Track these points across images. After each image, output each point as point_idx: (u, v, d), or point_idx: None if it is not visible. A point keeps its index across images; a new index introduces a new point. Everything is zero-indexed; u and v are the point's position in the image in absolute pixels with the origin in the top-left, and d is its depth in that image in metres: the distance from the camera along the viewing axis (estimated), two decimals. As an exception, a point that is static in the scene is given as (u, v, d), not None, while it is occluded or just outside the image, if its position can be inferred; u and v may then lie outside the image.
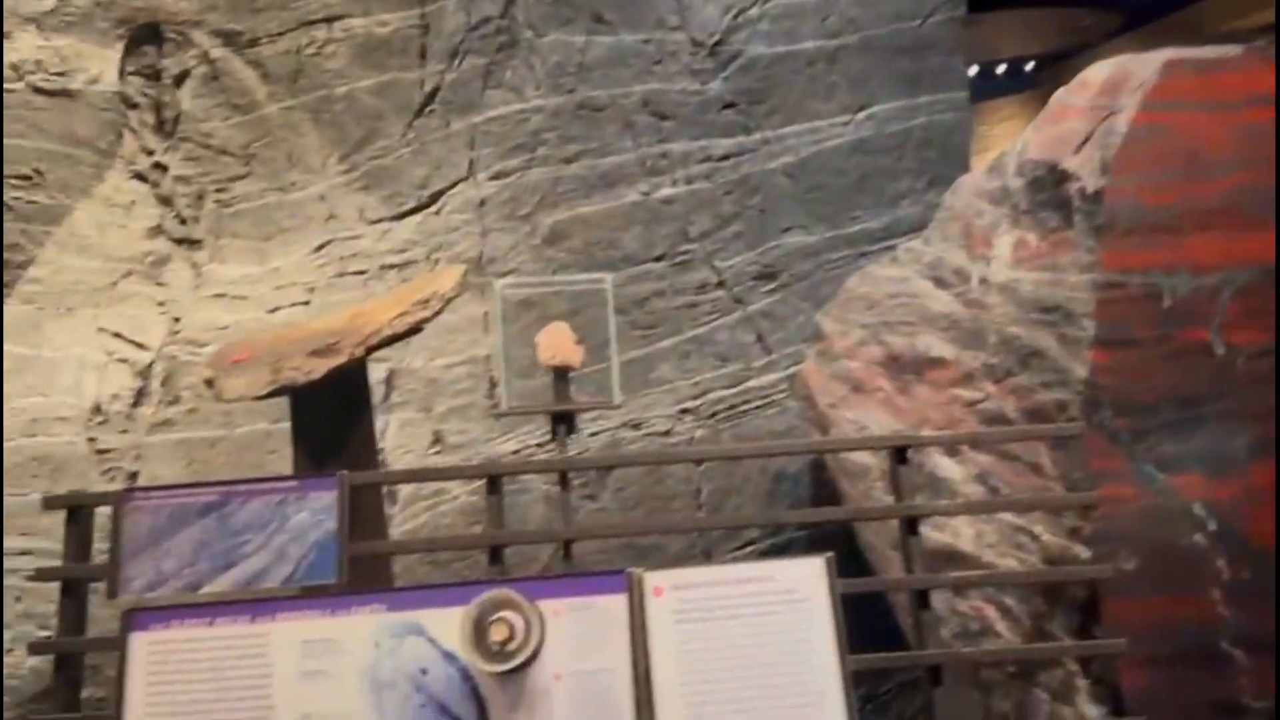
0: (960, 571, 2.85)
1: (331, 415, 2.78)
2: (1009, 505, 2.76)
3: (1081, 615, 2.70)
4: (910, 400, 3.18)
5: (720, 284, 4.35)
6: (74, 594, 2.25)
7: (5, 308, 3.72)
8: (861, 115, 4.55)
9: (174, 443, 3.93)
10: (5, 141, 3.74)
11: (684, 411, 4.21)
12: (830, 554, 2.17)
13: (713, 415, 4.23)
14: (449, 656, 2.10)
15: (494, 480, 2.47)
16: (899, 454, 2.46)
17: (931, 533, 2.87)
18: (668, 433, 4.19)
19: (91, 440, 3.79)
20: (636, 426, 4.17)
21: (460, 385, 4.13)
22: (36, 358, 3.74)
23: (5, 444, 3.61)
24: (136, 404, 3.90)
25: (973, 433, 2.88)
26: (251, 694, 2.09)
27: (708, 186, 4.38)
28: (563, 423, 3.04)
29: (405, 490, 3.97)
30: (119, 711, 2.03)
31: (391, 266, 4.20)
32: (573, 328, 3.26)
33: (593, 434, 4.12)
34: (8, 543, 3.52)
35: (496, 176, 4.27)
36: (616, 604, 2.14)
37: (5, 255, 3.72)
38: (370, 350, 2.69)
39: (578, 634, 2.11)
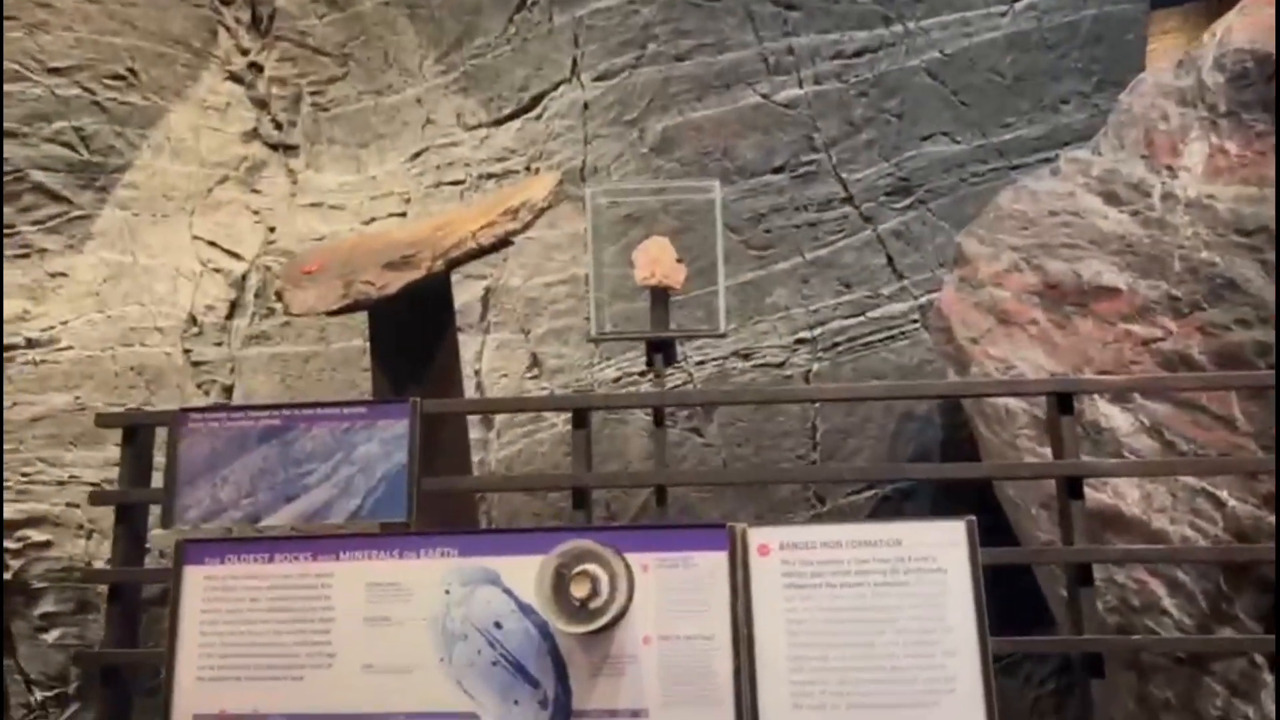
0: (1123, 539, 2.46)
1: (411, 335, 2.55)
2: (1194, 466, 2.35)
3: (1273, 599, 2.27)
4: (1070, 336, 2.75)
5: (847, 199, 3.93)
6: (129, 520, 2.11)
7: (102, 213, 3.63)
8: (1020, 5, 4.02)
9: (268, 356, 3.83)
10: (98, 39, 3.61)
11: (800, 342, 3.85)
12: (972, 518, 1.87)
13: (833, 347, 3.85)
14: (526, 610, 1.91)
15: (580, 414, 2.20)
16: (1063, 401, 2.05)
17: (1088, 490, 2.46)
18: (782, 365, 3.84)
19: (187, 352, 3.72)
20: (747, 357, 3.83)
21: (560, 306, 3.87)
22: (133, 265, 3.67)
23: (104, 351, 3.56)
24: (231, 316, 3.82)
25: (1152, 377, 2.46)
26: (311, 639, 1.92)
27: (838, 87, 3.93)
28: (660, 351, 2.73)
29: (502, 415, 3.77)
30: (170, 649, 1.89)
31: (490, 176, 3.95)
32: (681, 247, 2.95)
33: (699, 363, 3.81)
34: (105, 453, 3.48)
35: (602, 77, 3.93)
36: (715, 562, 1.91)
37: (100, 159, 3.62)
38: (452, 265, 2.43)
39: (670, 594, 1.89)
